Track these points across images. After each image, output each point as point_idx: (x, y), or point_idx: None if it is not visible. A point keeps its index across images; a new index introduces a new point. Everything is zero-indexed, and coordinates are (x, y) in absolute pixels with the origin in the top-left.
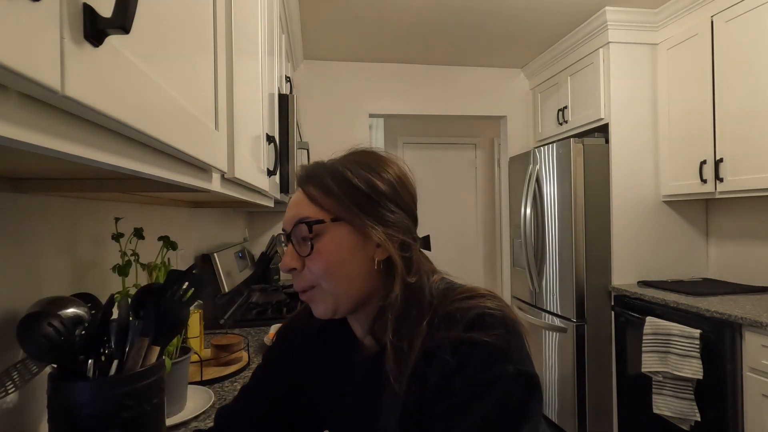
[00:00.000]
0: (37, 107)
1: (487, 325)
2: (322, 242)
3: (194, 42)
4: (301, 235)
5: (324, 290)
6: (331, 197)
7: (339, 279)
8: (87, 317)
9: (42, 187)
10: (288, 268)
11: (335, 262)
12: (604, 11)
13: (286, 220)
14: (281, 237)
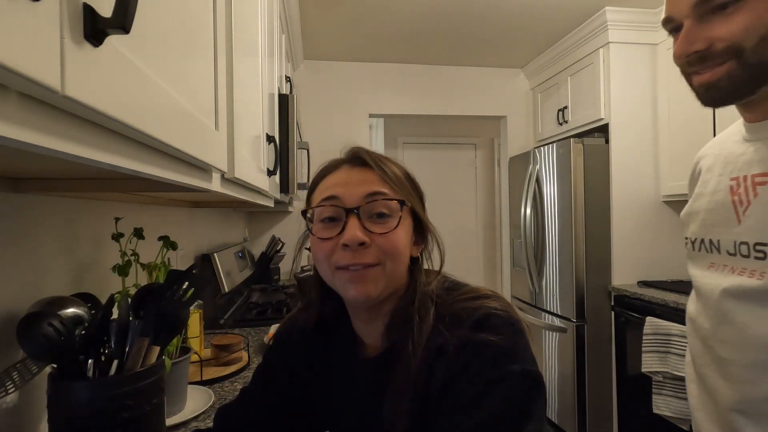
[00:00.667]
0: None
1: (494, 325)
2: (400, 223)
3: (194, 42)
4: (376, 211)
5: (384, 271)
6: (403, 185)
7: (399, 263)
8: (87, 317)
9: (42, 186)
10: (358, 242)
11: (404, 246)
12: (604, 11)
13: (352, 193)
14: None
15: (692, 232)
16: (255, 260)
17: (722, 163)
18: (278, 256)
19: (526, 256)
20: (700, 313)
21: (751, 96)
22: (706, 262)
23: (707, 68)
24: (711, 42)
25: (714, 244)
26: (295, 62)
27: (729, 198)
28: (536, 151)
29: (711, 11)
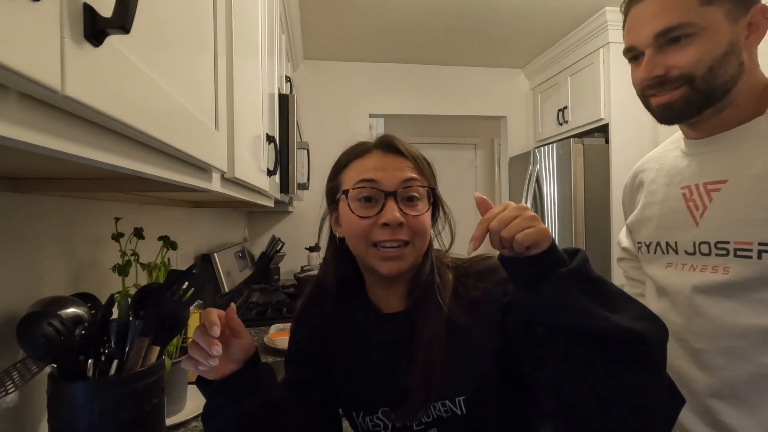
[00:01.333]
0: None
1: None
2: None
3: (194, 42)
4: (408, 195)
5: (414, 248)
6: (428, 172)
7: (425, 241)
8: (87, 317)
9: (42, 187)
10: (398, 222)
11: (429, 227)
12: (603, 11)
13: (390, 178)
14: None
15: (646, 237)
16: (255, 260)
17: (666, 175)
18: (278, 256)
19: None
20: (668, 310)
21: (698, 116)
22: (663, 262)
23: (664, 91)
24: (668, 69)
25: (671, 245)
26: (295, 62)
27: (683, 204)
28: (536, 151)
29: (668, 42)
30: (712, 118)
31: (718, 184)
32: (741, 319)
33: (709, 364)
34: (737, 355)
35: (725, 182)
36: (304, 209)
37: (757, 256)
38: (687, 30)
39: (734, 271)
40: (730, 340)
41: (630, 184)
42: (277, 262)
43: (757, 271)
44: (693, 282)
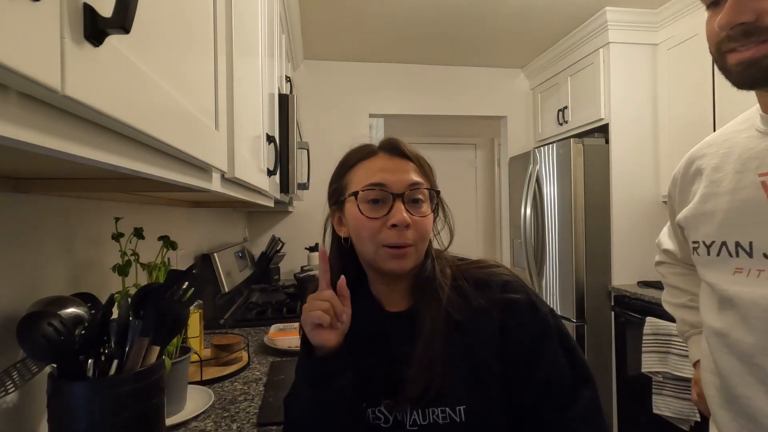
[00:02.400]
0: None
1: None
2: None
3: (194, 42)
4: (413, 197)
5: (417, 250)
6: (430, 175)
7: (426, 242)
8: (87, 317)
9: (42, 187)
10: (406, 223)
11: (431, 228)
12: (604, 11)
13: (397, 180)
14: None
15: (707, 235)
16: (255, 260)
17: (737, 160)
18: (278, 256)
19: (526, 256)
20: (736, 327)
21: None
22: (730, 267)
23: (751, 44)
24: (759, 14)
25: (743, 246)
26: (295, 62)
27: (762, 195)
28: (536, 151)
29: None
30: None
31: None
32: None
33: None
34: None
35: None
36: (304, 209)
37: None
38: None
39: None
40: None
41: (683, 173)
42: (277, 262)
43: None
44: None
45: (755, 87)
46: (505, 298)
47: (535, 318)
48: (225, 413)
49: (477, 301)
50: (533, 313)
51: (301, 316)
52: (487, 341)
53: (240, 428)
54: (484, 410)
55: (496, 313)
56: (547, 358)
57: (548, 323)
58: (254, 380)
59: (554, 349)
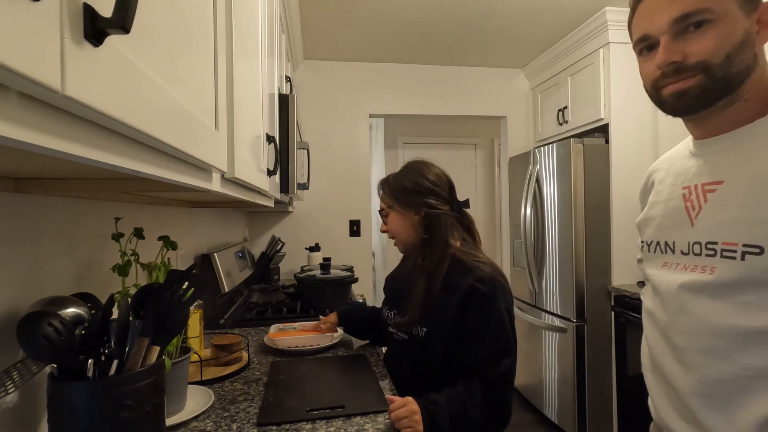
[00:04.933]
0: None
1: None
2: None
3: (194, 42)
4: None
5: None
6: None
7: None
8: (87, 317)
9: (42, 187)
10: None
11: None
12: (604, 11)
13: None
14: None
15: (648, 236)
16: (255, 260)
17: (673, 175)
18: (278, 256)
19: (526, 256)
20: (658, 307)
21: (711, 107)
22: (660, 261)
23: (681, 79)
24: (685, 56)
25: (669, 245)
26: (295, 62)
27: (682, 204)
28: (536, 151)
29: (685, 29)
30: (720, 114)
31: (714, 185)
32: (723, 320)
33: (690, 362)
34: (717, 354)
35: (721, 183)
36: (304, 209)
37: (741, 257)
38: (706, 15)
39: (720, 271)
40: (710, 339)
41: (644, 185)
42: (277, 262)
43: (741, 273)
44: (681, 280)
45: (687, 113)
46: (471, 287)
47: (487, 306)
48: (225, 413)
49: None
50: (489, 302)
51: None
52: (450, 307)
53: (240, 428)
54: (437, 335)
55: (461, 294)
56: (486, 335)
57: (497, 313)
58: (254, 380)
59: (493, 330)
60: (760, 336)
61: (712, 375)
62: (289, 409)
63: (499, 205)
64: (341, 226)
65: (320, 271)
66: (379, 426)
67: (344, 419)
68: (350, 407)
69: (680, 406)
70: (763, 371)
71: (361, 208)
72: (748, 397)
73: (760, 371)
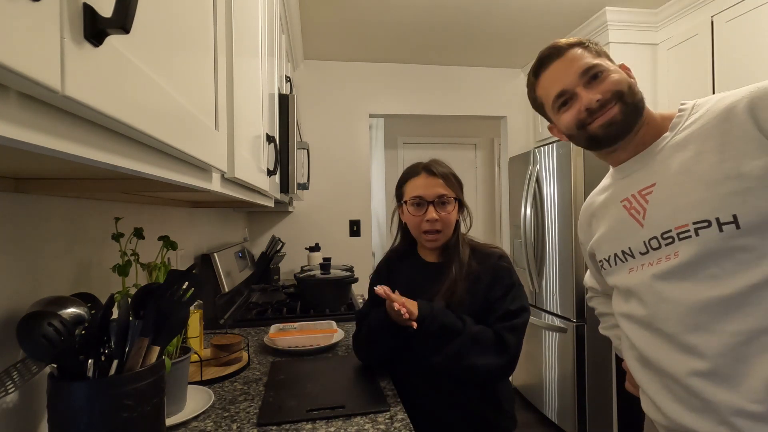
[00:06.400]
0: (37, 107)
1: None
2: (453, 208)
3: (194, 42)
4: (440, 202)
5: (443, 234)
6: (454, 185)
7: (450, 229)
8: (87, 317)
9: (42, 187)
10: (434, 219)
11: (454, 221)
12: (604, 11)
13: (430, 193)
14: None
15: (604, 253)
16: (255, 260)
17: (609, 199)
18: (278, 256)
19: (526, 256)
20: (636, 307)
21: (631, 133)
22: (624, 270)
23: (606, 110)
24: (602, 93)
25: (626, 252)
26: (295, 62)
27: (626, 214)
28: (536, 151)
29: (591, 79)
30: (634, 138)
31: (649, 188)
32: (698, 296)
33: (685, 344)
34: (706, 329)
35: (654, 185)
36: (304, 209)
37: (695, 233)
38: (599, 69)
39: (683, 252)
40: (694, 317)
41: (583, 221)
42: (277, 262)
43: (700, 247)
44: (652, 272)
45: (617, 140)
46: (497, 265)
47: (510, 279)
48: (225, 413)
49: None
50: (509, 277)
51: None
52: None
53: (240, 428)
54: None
55: (491, 272)
56: (509, 299)
57: (515, 284)
58: (254, 380)
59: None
60: (734, 301)
61: (708, 350)
62: (289, 409)
63: (499, 205)
64: (341, 226)
65: (320, 271)
66: (379, 426)
67: (344, 419)
68: (350, 407)
69: (683, 394)
70: (752, 332)
71: (361, 208)
72: (748, 363)
73: (750, 333)
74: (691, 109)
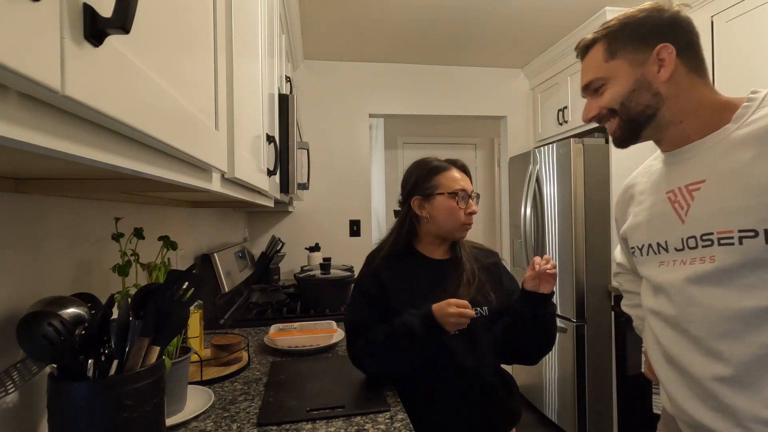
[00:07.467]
0: (37, 107)
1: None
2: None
3: (195, 42)
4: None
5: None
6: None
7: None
8: (87, 317)
9: (43, 187)
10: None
11: None
12: (604, 11)
13: (470, 187)
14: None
15: (638, 241)
16: (255, 260)
17: (653, 184)
18: (278, 256)
19: (526, 256)
20: (664, 305)
21: (639, 139)
22: (655, 262)
23: (606, 124)
24: (599, 109)
25: (661, 245)
26: (295, 62)
27: (669, 207)
28: (536, 151)
29: (592, 92)
30: (667, 133)
31: (697, 184)
32: (731, 304)
33: (711, 349)
34: (735, 337)
35: (703, 182)
36: (304, 209)
37: (739, 242)
38: (598, 83)
39: (720, 258)
40: (725, 325)
41: (621, 199)
42: (277, 262)
43: (740, 256)
44: (685, 274)
45: (626, 145)
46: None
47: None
48: (225, 413)
49: (489, 260)
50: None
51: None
52: (495, 280)
53: (240, 428)
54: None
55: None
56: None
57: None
58: (254, 380)
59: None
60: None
61: (733, 358)
62: (289, 409)
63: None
64: (341, 226)
65: (320, 271)
66: (379, 426)
67: (344, 419)
68: (350, 407)
69: (703, 395)
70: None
71: (361, 208)
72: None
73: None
74: (761, 100)
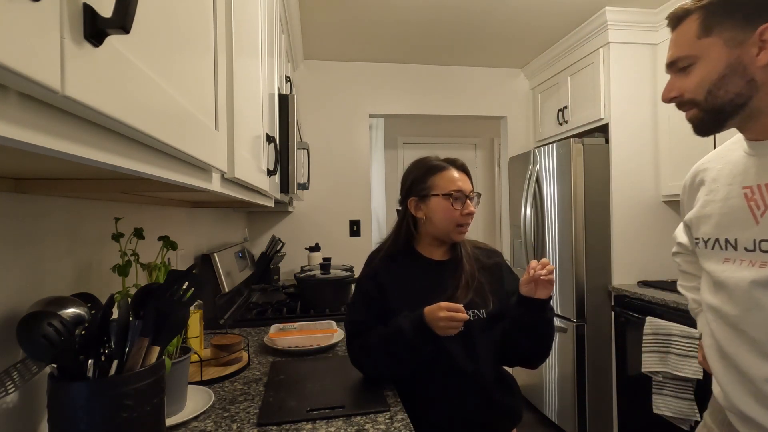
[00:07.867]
0: (37, 107)
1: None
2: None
3: (194, 42)
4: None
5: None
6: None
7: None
8: (87, 317)
9: (42, 187)
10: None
11: None
12: (604, 11)
13: (467, 187)
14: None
15: (705, 233)
16: (255, 260)
17: (728, 174)
18: (278, 256)
19: (526, 256)
20: (725, 303)
21: (722, 128)
22: (720, 258)
23: (684, 110)
24: (681, 92)
25: (730, 242)
26: (295, 62)
27: (744, 203)
28: (536, 151)
29: (677, 70)
30: (756, 125)
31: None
32: None
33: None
34: None
35: None
36: (304, 209)
37: None
38: (685, 62)
39: None
40: None
41: (690, 183)
42: (277, 262)
43: None
44: (752, 277)
45: (703, 135)
46: (502, 261)
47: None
48: (225, 413)
49: (491, 260)
50: (512, 272)
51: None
52: (496, 281)
53: (240, 428)
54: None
55: (501, 267)
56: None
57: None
58: (254, 380)
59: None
60: None
61: None
62: (289, 409)
63: (499, 205)
64: (341, 226)
65: (320, 271)
66: (380, 426)
67: (344, 419)
68: (350, 407)
69: (756, 392)
70: None
71: (361, 208)
72: None
73: None
74: None
